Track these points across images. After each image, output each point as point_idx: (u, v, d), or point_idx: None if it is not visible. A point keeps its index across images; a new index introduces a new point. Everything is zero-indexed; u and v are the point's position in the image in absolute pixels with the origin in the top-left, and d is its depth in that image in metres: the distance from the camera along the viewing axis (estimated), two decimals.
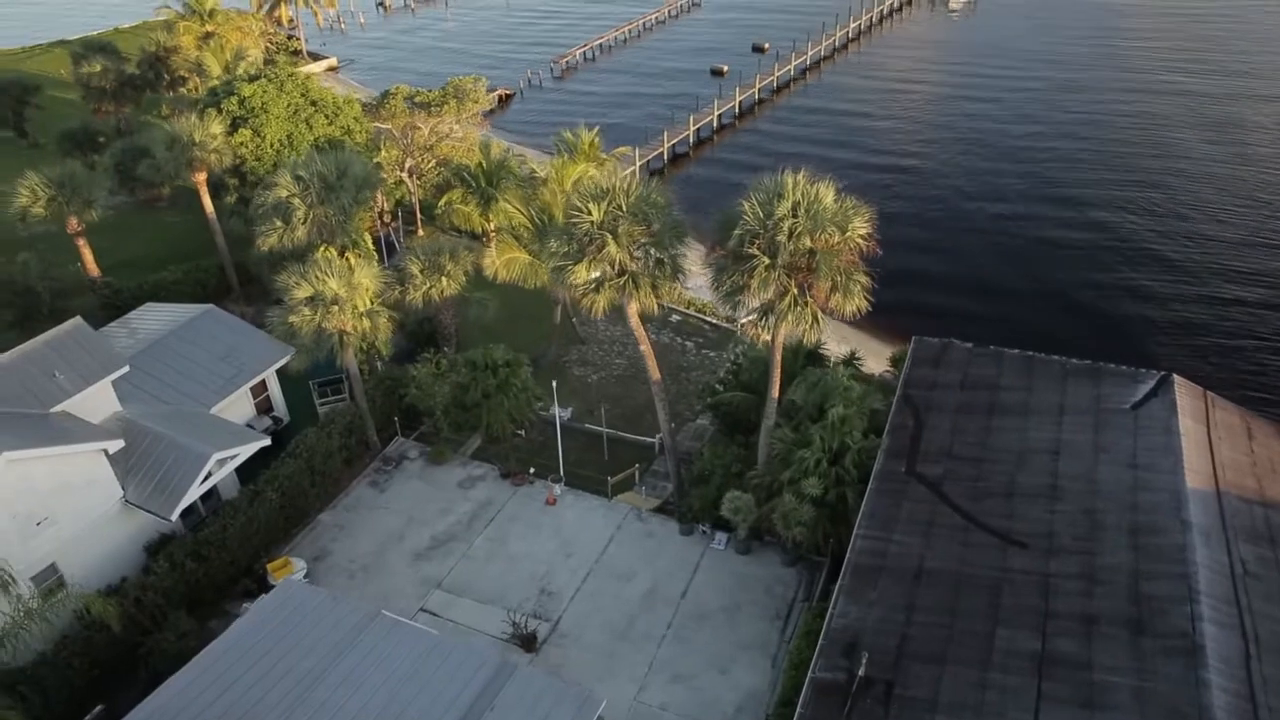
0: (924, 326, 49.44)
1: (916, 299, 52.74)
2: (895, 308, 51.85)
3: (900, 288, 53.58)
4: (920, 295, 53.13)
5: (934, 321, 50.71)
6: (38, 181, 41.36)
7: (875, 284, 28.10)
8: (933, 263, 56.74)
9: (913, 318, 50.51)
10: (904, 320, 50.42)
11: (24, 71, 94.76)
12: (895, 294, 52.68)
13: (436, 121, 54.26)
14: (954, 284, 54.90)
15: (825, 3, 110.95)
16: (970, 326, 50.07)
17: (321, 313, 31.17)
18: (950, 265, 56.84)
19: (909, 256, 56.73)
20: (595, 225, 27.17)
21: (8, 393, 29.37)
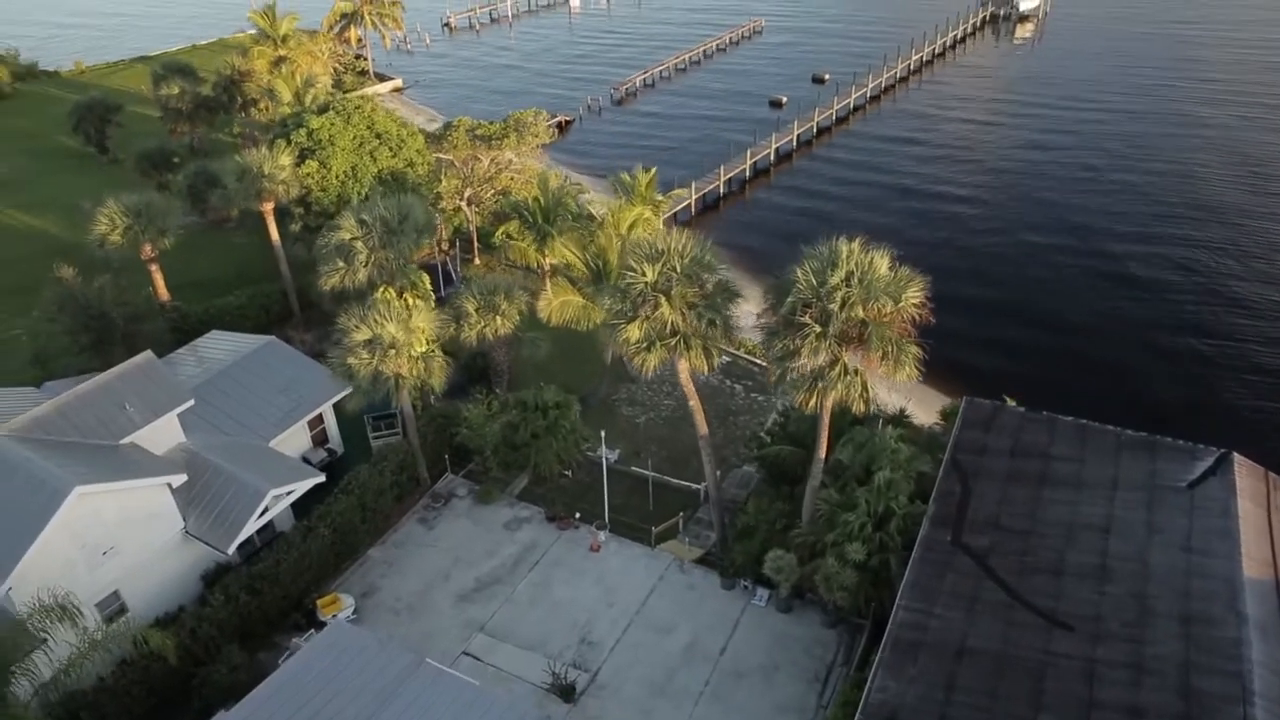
0: (977, 372, 49.47)
1: (972, 341, 52.14)
2: (949, 349, 51.38)
3: (956, 328, 53.17)
4: (976, 337, 52.54)
5: (987, 366, 50.35)
6: (116, 210, 43.10)
7: (931, 322, 27.95)
8: (990, 303, 56.04)
9: (966, 361, 50.15)
10: (958, 362, 49.95)
11: (108, 88, 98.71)
12: (950, 334, 52.40)
13: (497, 154, 55.20)
14: (1011, 326, 54.07)
15: (887, 33, 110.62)
16: (1023, 370, 49.91)
17: (379, 356, 31.98)
18: (1007, 306, 55.95)
19: (967, 296, 56.27)
20: (649, 286, 27.53)
21: (82, 423, 30.71)
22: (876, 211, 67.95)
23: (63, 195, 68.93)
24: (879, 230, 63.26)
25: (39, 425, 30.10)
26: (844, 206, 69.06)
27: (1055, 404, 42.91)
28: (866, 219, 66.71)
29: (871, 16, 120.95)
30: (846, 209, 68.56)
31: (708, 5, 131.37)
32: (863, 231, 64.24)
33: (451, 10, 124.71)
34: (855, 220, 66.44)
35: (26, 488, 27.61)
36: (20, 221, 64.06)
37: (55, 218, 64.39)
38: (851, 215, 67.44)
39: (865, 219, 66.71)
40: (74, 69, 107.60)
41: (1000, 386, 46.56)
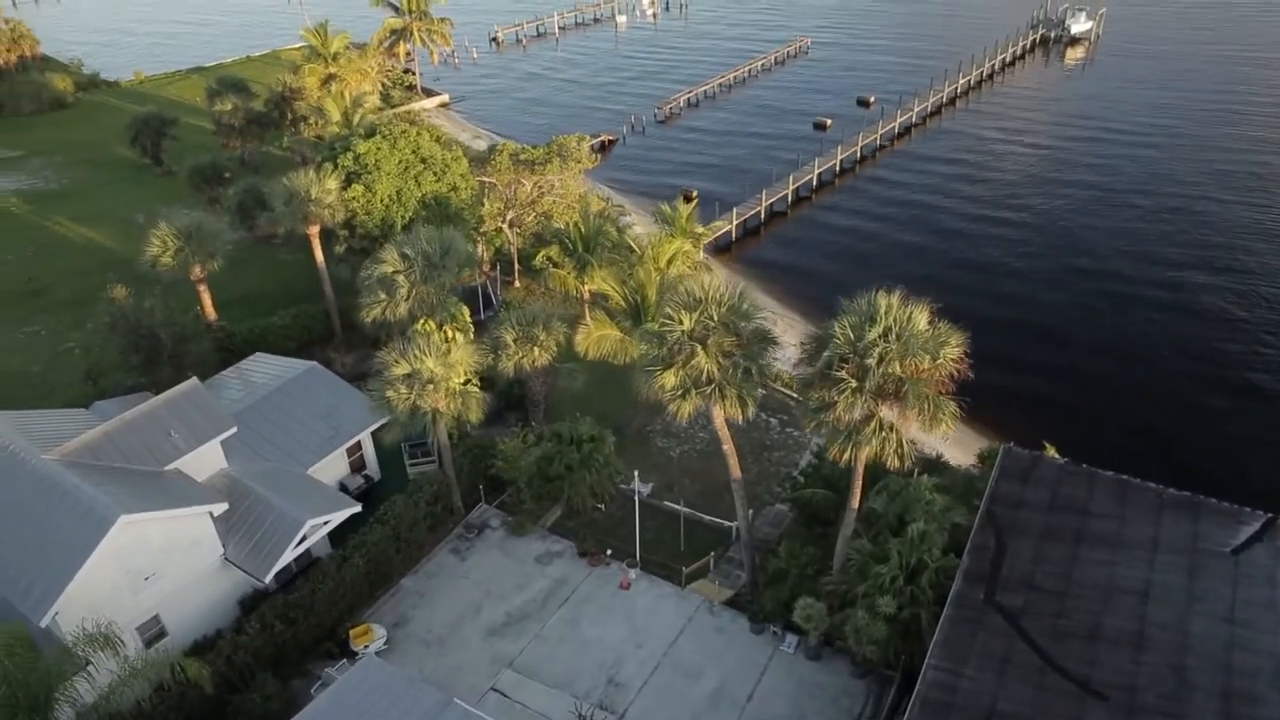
0: (1017, 411, 48.71)
1: (1013, 378, 51.34)
2: (989, 386, 50.59)
3: (998, 364, 52.39)
4: (1018, 373, 51.75)
5: (1028, 404, 49.50)
6: (168, 232, 44.16)
7: (970, 376, 27.70)
8: (1034, 336, 55.38)
9: (1007, 398, 49.29)
10: (998, 400, 49.06)
11: (165, 99, 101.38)
12: (992, 370, 51.65)
13: (539, 179, 55.67)
14: (1054, 362, 53.21)
15: (935, 54, 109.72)
16: (1065, 411, 48.92)
17: (417, 390, 32.40)
18: (1052, 340, 55.11)
19: (1010, 328, 55.66)
20: (685, 334, 27.60)
21: (128, 449, 31.51)
22: (918, 241, 67.40)
23: (118, 207, 70.89)
24: (918, 260, 63.98)
25: (88, 450, 30.94)
26: (885, 234, 68.58)
27: (1095, 450, 42.55)
28: (908, 248, 66.34)
29: (919, 36, 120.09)
30: (888, 237, 68.12)
31: (753, 21, 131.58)
32: (902, 259, 64.18)
33: (499, 25, 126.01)
34: (896, 249, 66.20)
35: (74, 514, 28.38)
36: (77, 234, 65.84)
37: (110, 230, 66.13)
38: (893, 244, 67.07)
39: (906, 248, 66.34)
40: (133, 79, 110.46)
41: (1040, 427, 46.04)
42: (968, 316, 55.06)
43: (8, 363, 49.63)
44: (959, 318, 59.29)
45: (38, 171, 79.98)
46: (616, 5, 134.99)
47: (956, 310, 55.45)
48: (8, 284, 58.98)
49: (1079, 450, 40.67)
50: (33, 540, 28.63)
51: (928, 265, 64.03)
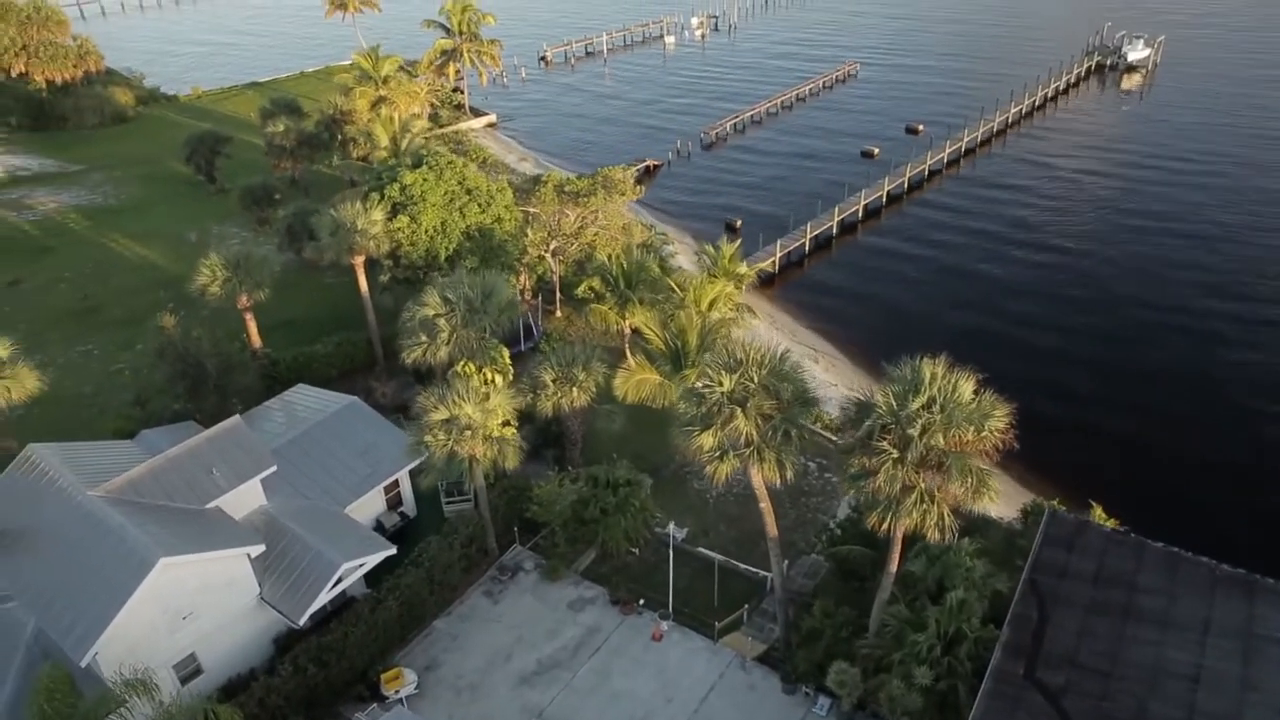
0: (1065, 461, 47.51)
1: (1061, 424, 50.24)
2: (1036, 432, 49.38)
3: (1046, 410, 51.24)
4: (1066, 420, 50.68)
5: (1075, 455, 48.22)
6: (217, 262, 44.88)
7: (1015, 447, 27.04)
8: (1084, 381, 54.01)
9: (1054, 446, 48.17)
10: (1045, 447, 47.92)
11: (221, 114, 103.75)
12: (1039, 416, 50.46)
13: (584, 211, 55.75)
14: (1104, 410, 51.71)
15: (986, 80, 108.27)
16: (1114, 464, 47.48)
17: (455, 436, 32.46)
18: (1102, 386, 53.63)
19: (1059, 373, 54.50)
20: (725, 396, 27.31)
21: (171, 486, 31.99)
22: (964, 274, 66.33)
23: (172, 225, 72.47)
24: (965, 294, 62.89)
25: (132, 487, 31.47)
26: (931, 267, 67.62)
27: (1145, 506, 41.42)
28: (954, 282, 65.34)
29: (970, 62, 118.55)
30: (934, 270, 67.15)
31: (802, 42, 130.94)
32: (949, 293, 62.91)
33: (548, 44, 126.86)
34: (943, 283, 65.22)
35: (117, 554, 28.85)
36: (132, 251, 67.34)
37: (163, 248, 67.57)
38: (939, 277, 66.10)
39: (953, 282, 65.34)
40: (191, 93, 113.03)
41: (1088, 478, 44.88)
42: (1015, 355, 55.26)
43: (61, 383, 50.71)
44: (1005, 358, 58.18)
45: (97, 186, 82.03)
46: (665, 26, 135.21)
47: (1003, 349, 55.81)
48: (65, 300, 60.48)
49: (1128, 507, 39.71)
50: (77, 577, 29.16)
51: (974, 299, 63.01)
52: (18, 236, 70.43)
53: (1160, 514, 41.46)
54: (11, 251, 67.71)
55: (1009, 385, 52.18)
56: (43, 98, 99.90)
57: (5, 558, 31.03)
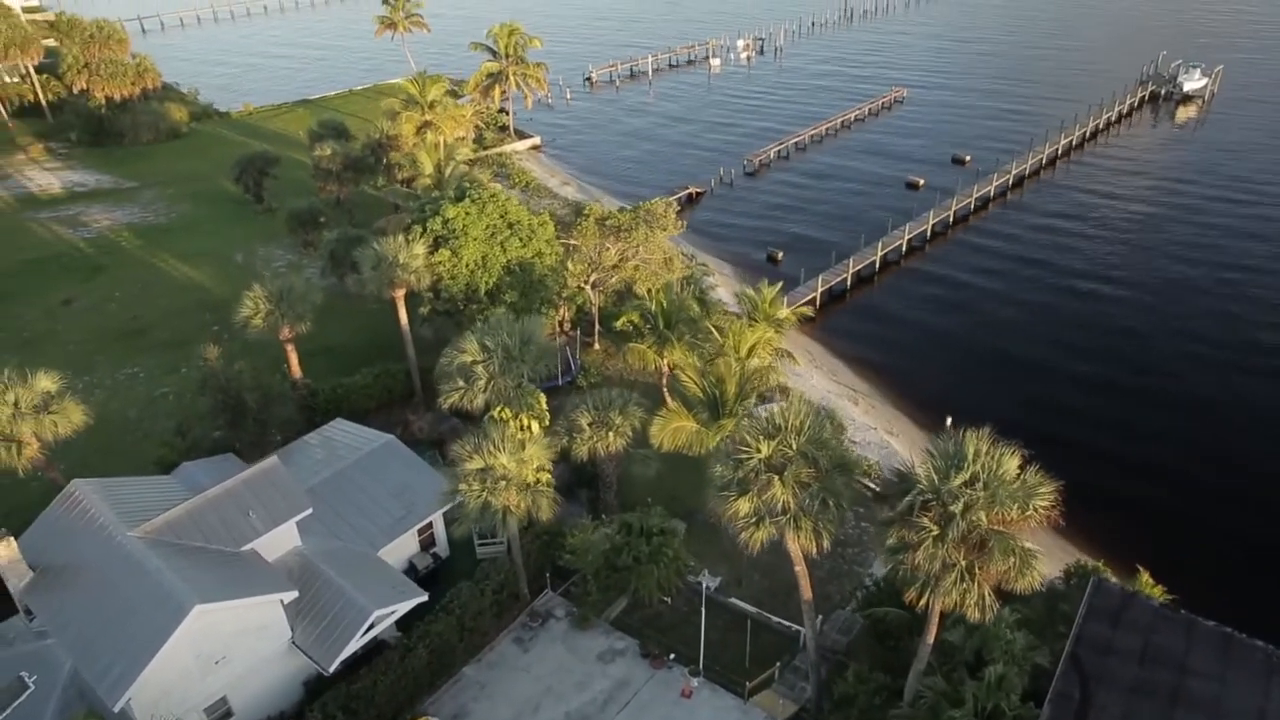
0: (1111, 508, 46.16)
1: (1110, 468, 49.10)
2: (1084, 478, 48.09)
3: (1095, 458, 50.05)
4: (1115, 462, 49.59)
5: (1124, 501, 46.86)
6: (260, 294, 45.41)
7: (1060, 523, 26.32)
8: (1134, 427, 52.71)
9: (1102, 493, 47.00)
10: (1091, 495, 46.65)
11: (270, 130, 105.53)
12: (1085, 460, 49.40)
13: (625, 246, 55.64)
14: (1156, 458, 50.36)
15: (1035, 108, 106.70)
16: (1164, 523, 46.00)
17: (489, 487, 32.35)
18: (1155, 434, 52.19)
19: (1110, 418, 53.29)
20: (762, 462, 26.88)
21: (208, 528, 32.26)
22: (1010, 313, 65.06)
23: (220, 245, 73.64)
24: (1009, 334, 61.69)
25: (170, 528, 31.78)
26: (976, 304, 66.44)
27: (1196, 582, 39.80)
28: (998, 320, 64.20)
29: (1019, 90, 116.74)
30: (978, 307, 66.00)
31: (849, 65, 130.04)
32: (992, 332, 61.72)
33: (594, 65, 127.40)
34: (986, 321, 64.13)
35: (153, 598, 29.10)
36: (180, 272, 68.52)
37: (210, 270, 68.67)
38: (983, 315, 65.01)
39: (997, 320, 64.22)
40: (243, 109, 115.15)
41: (1136, 542, 43.55)
42: (1062, 400, 53.97)
43: (107, 406, 51.61)
44: (1051, 402, 56.67)
45: (150, 204, 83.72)
46: (711, 48, 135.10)
47: (1049, 393, 54.54)
48: (115, 321, 61.63)
49: (1178, 575, 38.38)
50: (113, 619, 29.48)
51: (1019, 339, 61.78)
52: (73, 254, 72.03)
53: (1214, 586, 40.11)
54: (67, 270, 69.26)
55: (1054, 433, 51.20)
56: (102, 114, 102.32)
57: (46, 594, 31.48)
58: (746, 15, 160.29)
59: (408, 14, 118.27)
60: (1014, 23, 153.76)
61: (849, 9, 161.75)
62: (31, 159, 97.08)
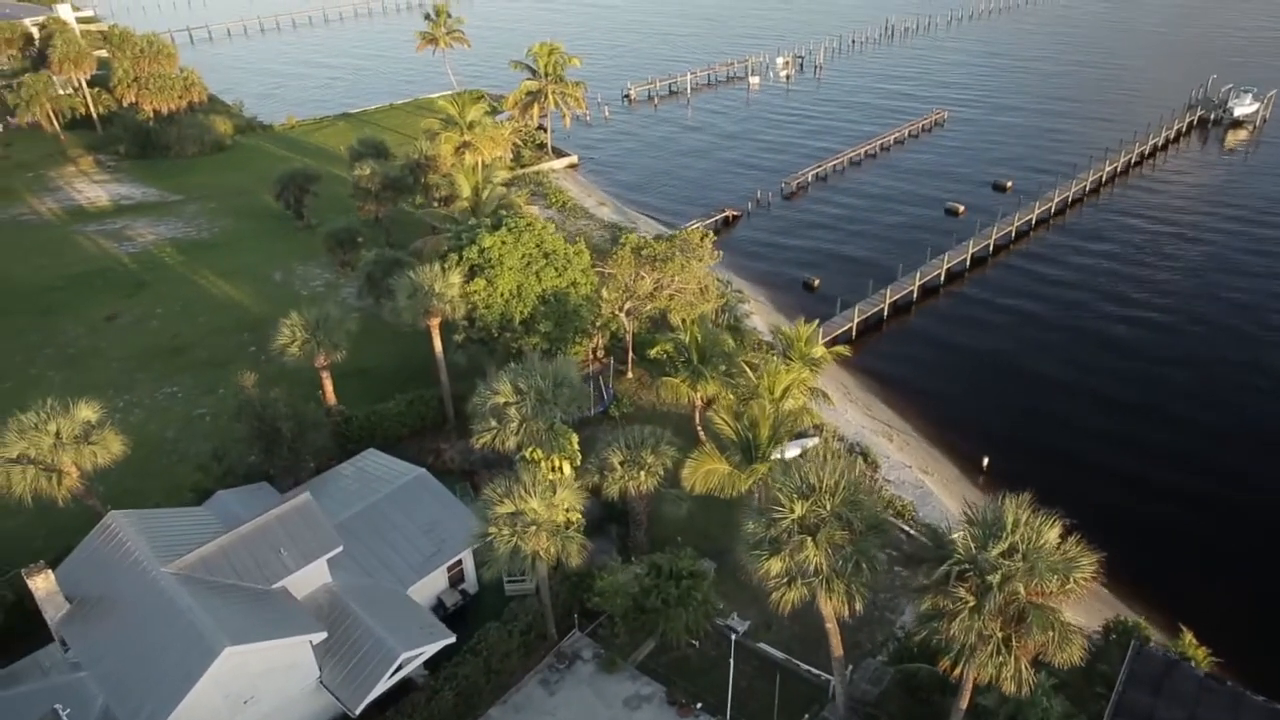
0: (1157, 557, 44.99)
1: (1154, 512, 48.01)
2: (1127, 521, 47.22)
3: (1135, 494, 48.94)
4: (1159, 505, 48.58)
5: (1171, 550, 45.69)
6: (297, 322, 45.82)
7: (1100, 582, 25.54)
8: (1182, 469, 51.45)
9: (1147, 541, 45.98)
10: (1135, 542, 45.86)
11: (312, 144, 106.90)
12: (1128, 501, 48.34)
13: (660, 275, 55.43)
14: (1205, 502, 49.09)
15: (1079, 133, 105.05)
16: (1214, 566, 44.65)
17: (520, 532, 32.23)
18: (1205, 477, 50.83)
19: (1153, 457, 52.03)
20: (795, 523, 26.47)
21: (241, 565, 32.46)
22: (1050, 345, 63.90)
23: (260, 263, 74.56)
24: (1050, 367, 60.50)
25: (204, 564, 32.03)
26: (1014, 335, 65.45)
27: (1243, 645, 38.61)
28: (1038, 352, 63.16)
29: (1063, 113, 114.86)
30: (1017, 338, 65.00)
31: (889, 84, 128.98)
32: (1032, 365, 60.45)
33: (632, 82, 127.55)
34: (1026, 353, 63.12)
35: (185, 638, 29.31)
36: (219, 289, 69.44)
37: (250, 288, 69.51)
38: (1022, 347, 64.03)
39: (1037, 352, 63.19)
40: (285, 123, 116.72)
41: (1180, 597, 42.31)
42: (1104, 440, 52.80)
43: (146, 426, 52.36)
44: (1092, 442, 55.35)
45: (193, 219, 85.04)
46: (750, 66, 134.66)
47: (1090, 432, 53.39)
48: (156, 339, 62.56)
49: (1225, 636, 37.39)
50: (145, 657, 29.74)
51: (1059, 374, 60.67)
52: (117, 269, 73.30)
53: (1267, 652, 38.84)
54: (111, 285, 70.49)
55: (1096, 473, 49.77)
56: (149, 127, 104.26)
57: (81, 626, 31.86)
58: (787, 32, 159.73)
59: (449, 30, 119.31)
60: (1057, 42, 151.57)
61: (890, 26, 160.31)
62: (81, 171, 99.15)
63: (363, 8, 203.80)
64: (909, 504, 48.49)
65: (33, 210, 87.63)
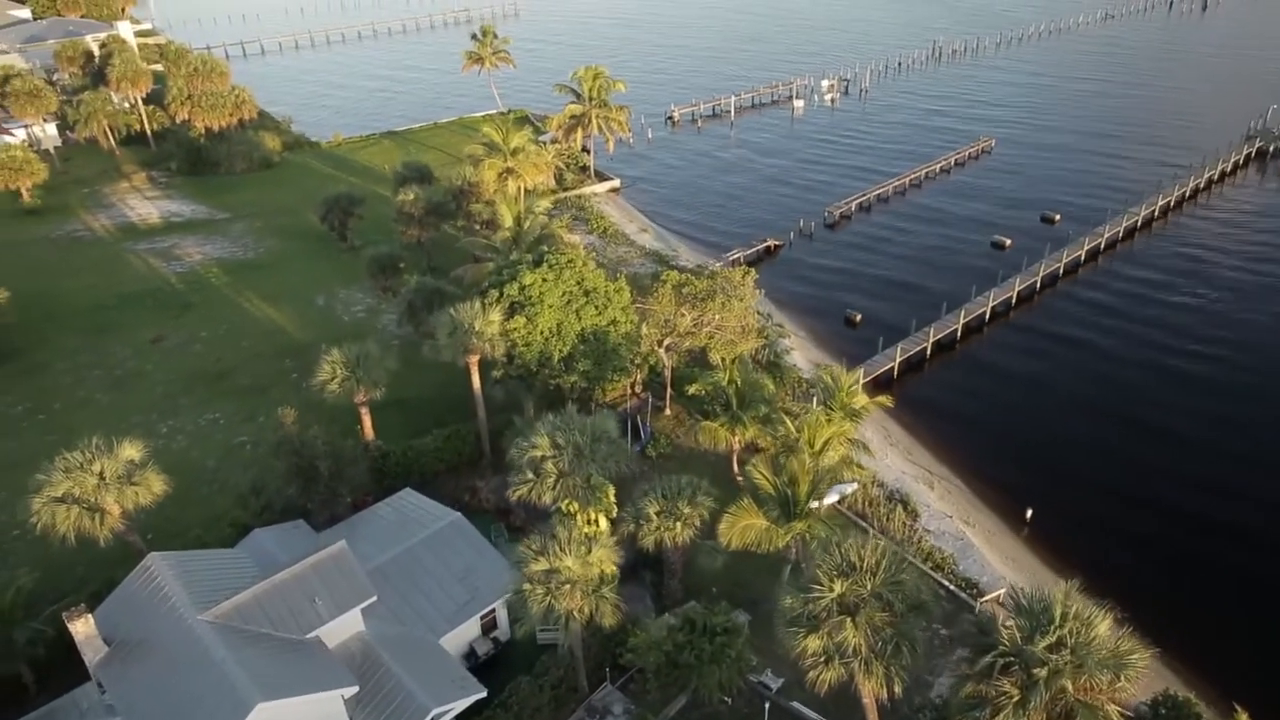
0: (1212, 630, 43.49)
1: (1210, 579, 46.45)
2: (1180, 585, 45.80)
3: (1190, 558, 47.38)
4: (1215, 574, 46.81)
5: (1225, 624, 44.01)
6: (338, 359, 46.12)
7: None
8: (1239, 531, 49.57)
9: (1202, 608, 44.64)
10: (1191, 608, 44.49)
11: (358, 163, 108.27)
12: (1180, 561, 46.83)
13: (700, 314, 55.04)
14: (1264, 559, 47.41)
15: (1133, 166, 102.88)
16: (1272, 649, 42.90)
17: (554, 590, 31.95)
18: (1265, 539, 48.99)
19: (1208, 518, 50.34)
20: (834, 602, 25.88)
21: (275, 614, 32.56)
22: (1100, 392, 62.22)
23: (303, 286, 75.41)
24: (1096, 416, 59.17)
25: (239, 613, 32.15)
26: (1061, 379, 63.94)
27: None
28: (1085, 399, 61.79)
29: (1114, 142, 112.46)
30: (1064, 382, 63.48)
31: (936, 107, 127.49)
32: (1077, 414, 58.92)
33: (675, 105, 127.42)
34: (1072, 399, 61.66)
35: (219, 689, 29.38)
36: (262, 313, 70.28)
37: (292, 312, 70.30)
38: (1069, 391, 62.53)
39: (1084, 399, 61.84)
40: (332, 140, 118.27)
41: (1234, 672, 40.68)
42: (1153, 492, 51.30)
43: (188, 453, 53.07)
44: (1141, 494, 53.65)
45: (239, 238, 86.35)
46: (795, 89, 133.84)
47: (1139, 483, 51.88)
48: (200, 363, 63.43)
49: None
50: (179, 707, 29.89)
51: (1108, 420, 59.12)
52: (165, 290, 74.57)
53: None
54: (159, 305, 71.72)
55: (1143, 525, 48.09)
56: (200, 144, 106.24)
57: (118, 669, 32.10)
58: (833, 53, 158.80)
59: (495, 50, 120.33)
60: (1109, 67, 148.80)
61: (937, 48, 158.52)
62: (134, 187, 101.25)
63: (410, 22, 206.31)
64: (949, 556, 47.52)
65: (87, 227, 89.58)
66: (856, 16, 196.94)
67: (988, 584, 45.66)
